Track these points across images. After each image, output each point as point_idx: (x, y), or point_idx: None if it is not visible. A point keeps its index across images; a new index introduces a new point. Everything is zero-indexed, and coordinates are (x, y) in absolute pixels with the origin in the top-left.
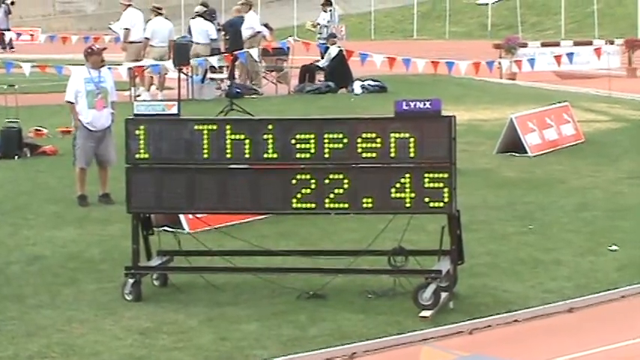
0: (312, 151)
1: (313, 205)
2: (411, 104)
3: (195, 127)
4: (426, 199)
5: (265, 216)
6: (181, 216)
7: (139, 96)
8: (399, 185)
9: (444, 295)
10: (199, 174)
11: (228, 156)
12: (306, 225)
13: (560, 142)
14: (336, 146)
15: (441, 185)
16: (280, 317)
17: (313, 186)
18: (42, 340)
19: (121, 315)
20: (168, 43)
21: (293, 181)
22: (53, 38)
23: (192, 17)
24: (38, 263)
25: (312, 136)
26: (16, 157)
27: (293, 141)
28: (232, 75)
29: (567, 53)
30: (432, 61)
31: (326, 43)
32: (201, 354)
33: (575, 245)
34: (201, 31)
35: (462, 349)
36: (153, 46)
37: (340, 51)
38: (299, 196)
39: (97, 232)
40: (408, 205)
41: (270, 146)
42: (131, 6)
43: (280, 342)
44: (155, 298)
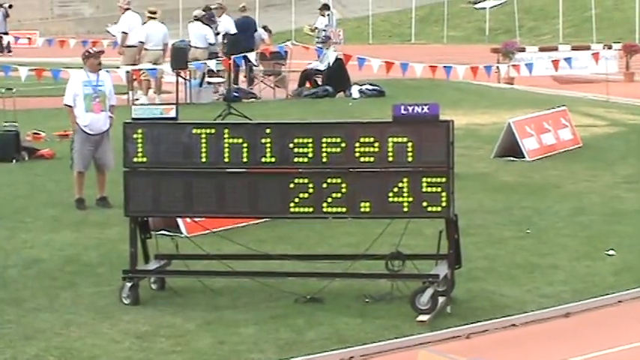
0: (310, 155)
1: (311, 209)
2: (409, 109)
3: (194, 130)
4: (424, 204)
5: (263, 220)
6: (179, 220)
7: (137, 99)
8: (396, 189)
9: (441, 299)
10: (197, 178)
11: (226, 160)
12: (304, 229)
13: (557, 147)
14: (333, 150)
15: (438, 190)
16: (278, 321)
17: (311, 190)
18: (40, 343)
19: (119, 318)
20: (163, 46)
21: (291, 185)
22: (51, 42)
23: (190, 21)
24: (36, 267)
25: (310, 140)
26: (13, 161)
27: (291, 145)
28: (237, 79)
29: (565, 58)
30: (430, 66)
31: (323, 47)
32: (198, 357)
33: (572, 250)
34: (199, 35)
35: (459, 353)
36: (147, 50)
37: (338, 57)
38: (297, 200)
39: (95, 235)
40: (405, 209)
41: (268, 150)
42: (129, 10)
43: (278, 346)
44: (153, 301)
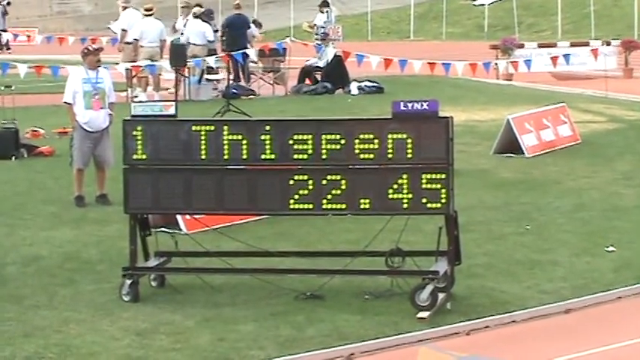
0: (310, 152)
1: (311, 205)
2: (409, 105)
3: (193, 127)
4: (424, 200)
5: (263, 217)
6: (179, 217)
7: (136, 97)
8: (396, 186)
9: (441, 296)
10: (197, 175)
11: (226, 157)
12: (304, 226)
13: (556, 143)
14: (333, 147)
15: (438, 186)
16: (278, 318)
17: (311, 187)
18: (39, 340)
19: (119, 316)
20: (160, 42)
21: (290, 182)
22: (50, 39)
23: (182, 6)
24: (35, 264)
25: (310, 137)
26: (13, 158)
27: (290, 142)
28: (237, 76)
29: (564, 54)
30: (429, 62)
31: (322, 44)
32: (198, 354)
33: (572, 246)
34: (198, 32)
35: (459, 349)
36: (143, 47)
37: (336, 54)
38: (296, 196)
39: (95, 232)
40: (405, 205)
41: (267, 147)
42: (129, 7)
43: (278, 343)
44: (152, 298)
